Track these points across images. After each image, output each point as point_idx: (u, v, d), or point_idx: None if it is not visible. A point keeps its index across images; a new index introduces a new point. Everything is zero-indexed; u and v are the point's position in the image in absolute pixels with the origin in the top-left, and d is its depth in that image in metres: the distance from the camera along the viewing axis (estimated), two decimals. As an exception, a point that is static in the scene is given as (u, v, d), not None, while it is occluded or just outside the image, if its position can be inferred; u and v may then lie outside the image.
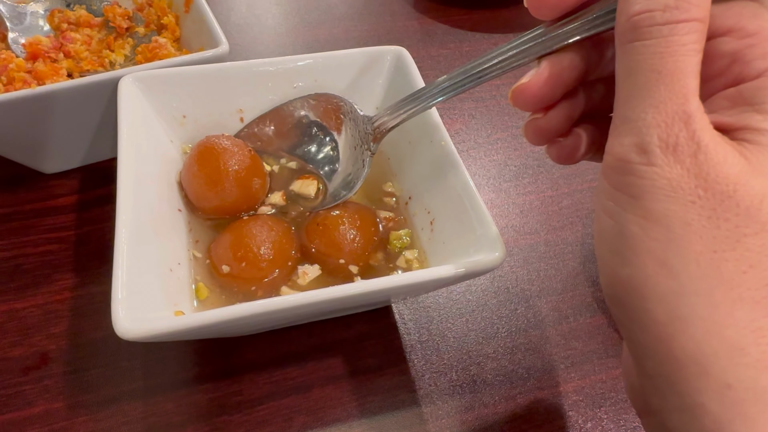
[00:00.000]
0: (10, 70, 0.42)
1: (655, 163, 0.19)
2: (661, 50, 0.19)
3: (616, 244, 0.20)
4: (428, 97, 0.33)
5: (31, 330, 0.37)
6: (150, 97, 0.38)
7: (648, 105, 0.20)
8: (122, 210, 0.30)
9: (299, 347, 0.37)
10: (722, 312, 0.18)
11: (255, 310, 0.27)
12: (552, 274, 0.43)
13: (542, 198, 0.49)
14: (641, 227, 0.19)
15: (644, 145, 0.19)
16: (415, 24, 0.65)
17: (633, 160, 0.20)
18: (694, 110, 0.19)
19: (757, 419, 0.17)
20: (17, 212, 0.43)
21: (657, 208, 0.19)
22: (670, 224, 0.19)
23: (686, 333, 0.18)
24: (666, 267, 0.19)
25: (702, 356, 0.18)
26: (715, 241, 0.18)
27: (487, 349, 0.39)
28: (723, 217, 0.19)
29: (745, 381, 0.18)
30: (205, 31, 0.43)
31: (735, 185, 0.19)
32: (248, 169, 0.37)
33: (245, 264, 0.34)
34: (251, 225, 0.35)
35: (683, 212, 0.19)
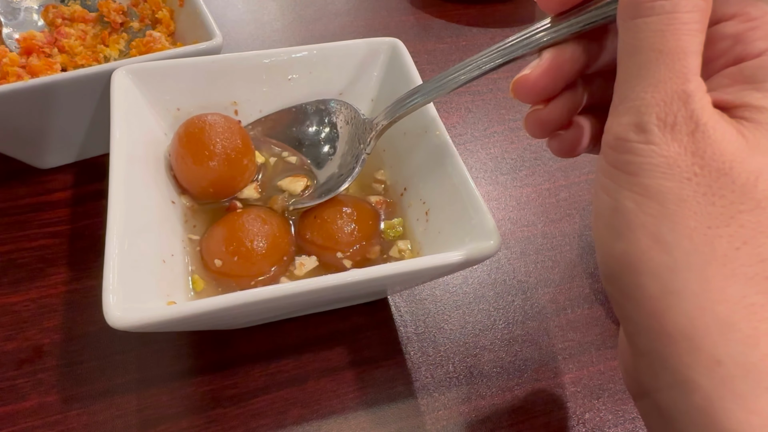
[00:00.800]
0: (4, 65, 0.42)
1: (652, 142, 0.19)
2: (663, 28, 0.19)
3: (612, 219, 0.21)
4: (426, 93, 0.32)
5: (25, 324, 0.37)
6: (144, 90, 0.38)
7: (648, 84, 0.20)
8: (114, 201, 0.30)
9: (295, 339, 0.37)
10: (714, 287, 0.18)
11: (249, 299, 0.27)
12: (549, 265, 0.43)
13: (539, 190, 0.48)
14: (636, 203, 0.20)
15: (642, 124, 0.20)
16: (411, 19, 0.65)
17: (631, 139, 0.20)
18: (693, 90, 0.19)
19: (746, 396, 0.17)
20: (12, 207, 0.43)
21: (653, 184, 0.19)
22: (665, 200, 0.19)
23: (678, 308, 0.18)
24: (660, 242, 0.19)
25: (693, 331, 0.18)
26: (709, 217, 0.19)
27: (484, 341, 0.38)
28: (718, 193, 0.19)
29: (736, 357, 0.18)
30: (199, 24, 0.43)
31: (731, 162, 0.19)
32: (236, 138, 0.37)
33: (238, 259, 0.33)
34: (244, 218, 0.35)
35: (679, 189, 0.19)
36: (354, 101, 0.42)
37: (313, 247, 0.35)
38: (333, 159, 0.39)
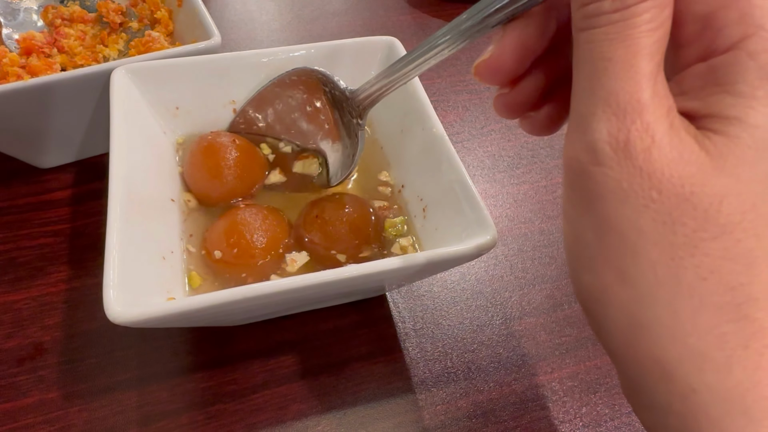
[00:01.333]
0: (4, 65, 0.42)
1: (605, 164, 0.18)
2: (612, 36, 0.17)
3: (576, 250, 0.19)
4: (405, 66, 0.30)
5: (25, 322, 0.37)
6: (143, 89, 0.38)
7: (599, 98, 0.18)
8: (114, 199, 0.30)
9: (293, 336, 0.37)
10: (683, 319, 0.17)
11: (248, 294, 0.27)
12: (546, 262, 0.43)
13: (536, 188, 0.49)
14: (596, 234, 0.18)
15: (594, 143, 0.18)
16: (408, 18, 0.66)
17: (584, 160, 0.18)
18: (647, 98, 0.17)
19: (721, 419, 0.17)
20: (12, 206, 0.43)
21: (610, 213, 0.18)
22: (624, 231, 0.18)
23: (649, 339, 0.18)
24: (623, 276, 0.18)
25: (666, 362, 0.18)
26: (672, 248, 0.17)
27: (481, 337, 0.39)
28: (679, 221, 0.17)
29: (710, 385, 0.17)
30: (197, 24, 0.44)
31: (692, 186, 0.17)
32: (245, 156, 0.38)
33: (237, 250, 0.34)
34: (245, 213, 0.35)
35: (636, 218, 0.17)
36: (351, 99, 0.43)
37: (311, 245, 0.35)
38: (330, 132, 0.39)
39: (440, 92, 0.57)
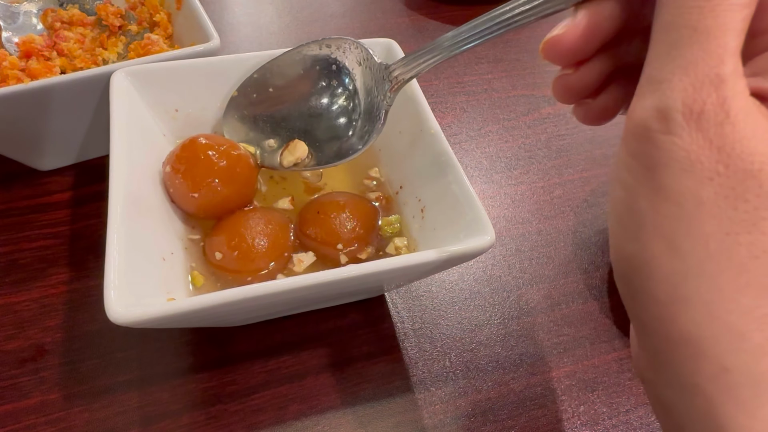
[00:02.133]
0: (4, 68, 0.42)
1: (674, 132, 0.18)
2: (703, 4, 0.17)
3: (626, 218, 0.19)
4: (449, 47, 0.29)
5: (27, 323, 0.37)
6: (142, 91, 0.38)
7: (677, 65, 0.18)
8: (114, 201, 0.31)
9: (293, 337, 0.38)
10: (727, 296, 0.17)
11: (248, 295, 0.27)
12: (544, 262, 0.44)
13: (534, 188, 0.49)
14: (651, 203, 0.18)
15: (666, 111, 0.18)
16: (406, 20, 0.66)
17: (652, 128, 0.18)
18: (728, 73, 0.17)
19: (750, 402, 0.17)
20: (12, 209, 0.43)
21: (670, 183, 0.18)
22: (683, 201, 0.18)
23: (686, 315, 0.18)
24: (673, 247, 0.18)
25: (700, 339, 0.18)
26: (729, 222, 0.17)
27: (480, 336, 0.39)
28: (742, 197, 0.17)
29: (743, 366, 0.17)
30: (196, 27, 0.44)
31: (761, 164, 0.17)
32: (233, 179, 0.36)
33: (238, 254, 0.34)
34: (248, 217, 0.36)
35: (698, 189, 0.17)
36: (350, 101, 0.43)
37: (313, 242, 0.36)
38: (354, 107, 0.36)
39: (438, 94, 0.57)
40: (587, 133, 0.54)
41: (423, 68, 0.31)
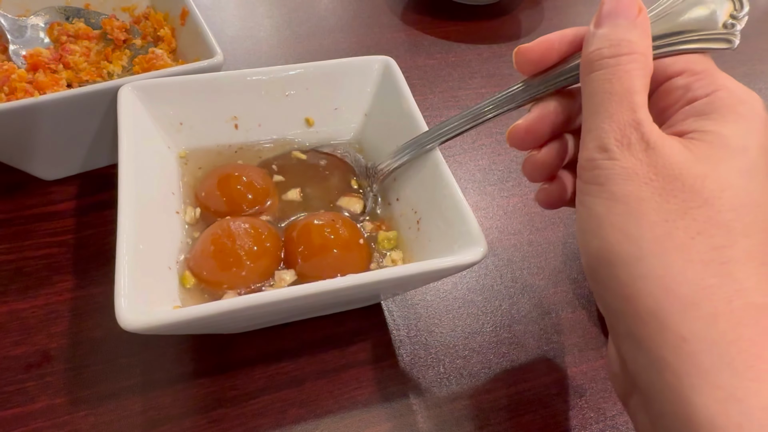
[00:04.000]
0: (12, 81, 0.44)
1: (614, 157, 0.24)
2: (610, 76, 0.24)
3: (588, 223, 0.24)
4: (428, 141, 0.37)
5: (32, 329, 0.38)
6: (148, 105, 0.40)
7: (604, 117, 0.24)
8: (123, 211, 0.32)
9: (292, 343, 0.39)
10: (676, 271, 0.21)
11: (253, 302, 0.28)
12: (535, 272, 0.45)
13: (525, 200, 0.51)
14: (606, 207, 0.23)
15: (605, 146, 0.24)
16: (402, 35, 0.68)
17: (597, 158, 0.24)
18: (642, 118, 0.23)
19: (710, 371, 0.20)
20: (18, 217, 0.44)
21: (617, 190, 0.23)
22: (629, 201, 0.23)
23: (646, 290, 0.21)
24: (626, 235, 0.22)
25: (660, 311, 0.21)
26: (666, 212, 0.22)
27: (472, 344, 0.40)
28: (672, 193, 0.22)
29: (698, 333, 0.20)
30: (200, 42, 0.45)
31: (680, 169, 0.22)
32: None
33: (221, 270, 0.35)
34: (232, 228, 0.36)
35: (638, 191, 0.22)
36: (348, 115, 0.45)
37: (298, 270, 0.36)
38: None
39: (433, 107, 0.59)
40: (577, 147, 0.56)
41: (406, 161, 0.38)
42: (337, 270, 0.36)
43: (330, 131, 0.45)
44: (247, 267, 0.34)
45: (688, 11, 0.28)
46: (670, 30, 0.27)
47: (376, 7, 0.71)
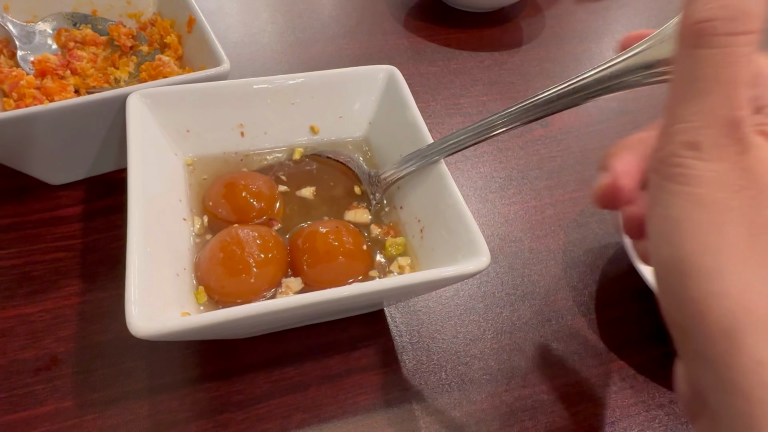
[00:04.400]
0: (21, 87, 0.44)
1: (704, 158, 0.21)
2: (722, 59, 0.21)
3: (662, 226, 0.22)
4: (433, 154, 0.37)
5: (41, 333, 0.39)
6: (156, 113, 0.40)
7: (702, 109, 0.21)
8: (133, 218, 0.32)
9: (297, 348, 0.39)
10: (755, 290, 0.19)
11: (260, 311, 0.29)
12: (535, 279, 0.46)
13: (526, 208, 0.51)
14: (685, 211, 0.21)
15: (696, 143, 0.21)
16: (405, 42, 0.68)
17: (684, 155, 0.21)
18: (743, 117, 0.21)
19: None
20: (25, 222, 0.45)
21: (702, 193, 0.21)
22: (713, 208, 0.20)
23: (719, 308, 0.19)
24: (705, 246, 0.20)
25: (735, 332, 0.19)
26: (753, 225, 0.20)
27: (474, 350, 0.41)
28: (763, 204, 0.20)
29: None
30: (206, 50, 0.46)
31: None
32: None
33: (230, 277, 0.35)
34: (241, 237, 0.36)
35: (727, 199, 0.20)
36: (353, 123, 0.45)
37: (303, 279, 0.37)
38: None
39: (435, 114, 0.60)
40: (577, 155, 0.57)
41: (410, 171, 0.39)
42: (342, 276, 0.37)
43: (335, 139, 0.45)
44: (256, 275, 0.35)
45: None
46: None
47: (379, 14, 0.72)
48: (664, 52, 0.30)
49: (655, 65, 0.30)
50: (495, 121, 0.34)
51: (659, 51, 0.30)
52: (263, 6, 0.71)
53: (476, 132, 0.35)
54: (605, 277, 0.47)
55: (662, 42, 0.30)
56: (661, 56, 0.30)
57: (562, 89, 0.32)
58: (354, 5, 0.73)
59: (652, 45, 0.30)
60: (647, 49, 0.30)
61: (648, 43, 0.30)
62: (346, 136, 0.45)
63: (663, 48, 0.30)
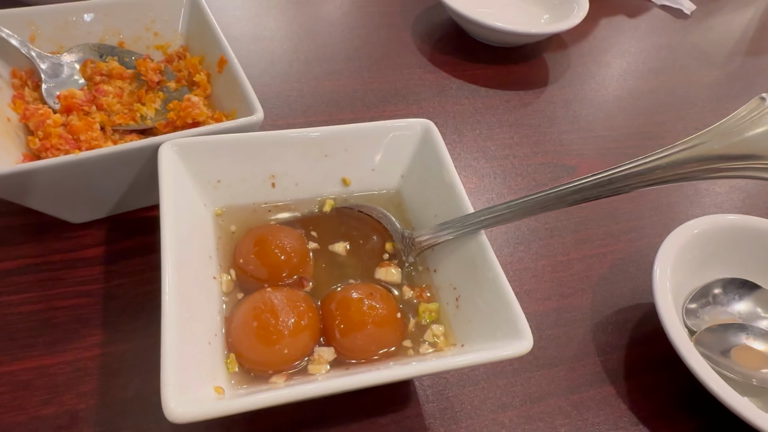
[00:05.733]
0: (47, 126, 0.43)
1: None
2: None
3: None
4: (470, 225, 0.37)
5: (61, 388, 0.38)
6: (188, 163, 0.39)
7: None
8: (167, 283, 0.31)
9: (323, 411, 0.39)
10: None
11: (300, 395, 0.28)
12: (564, 342, 0.45)
13: (554, 263, 0.50)
14: None
15: None
16: (430, 77, 0.67)
17: None
18: None
19: None
20: (45, 263, 0.44)
21: None
22: None
23: None
24: None
25: None
26: None
27: (503, 418, 0.40)
28: None
29: None
30: (238, 94, 0.45)
31: None
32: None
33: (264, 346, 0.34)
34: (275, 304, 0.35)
35: None
36: (384, 175, 0.45)
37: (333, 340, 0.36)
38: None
39: (461, 158, 0.59)
40: (606, 207, 0.56)
41: (446, 239, 0.38)
42: (375, 346, 0.36)
43: (366, 191, 0.44)
44: (289, 345, 0.34)
45: (757, 129, 0.28)
46: (739, 152, 0.27)
47: (405, 46, 0.71)
48: (722, 145, 0.30)
49: (712, 160, 0.29)
50: (537, 201, 0.33)
51: (719, 144, 0.30)
52: (289, 35, 0.70)
53: (519, 209, 0.34)
54: (634, 340, 0.46)
55: (722, 136, 0.30)
56: (720, 150, 0.30)
57: (608, 176, 0.31)
58: (380, 37, 0.72)
59: (708, 140, 0.30)
60: (701, 144, 0.30)
61: (704, 138, 0.30)
62: (377, 188, 0.45)
63: (720, 142, 0.30)
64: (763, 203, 0.60)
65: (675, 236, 0.45)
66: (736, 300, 0.46)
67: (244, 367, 0.34)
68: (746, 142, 0.29)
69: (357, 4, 0.77)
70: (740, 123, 0.29)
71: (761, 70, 0.80)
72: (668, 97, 0.72)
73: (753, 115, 0.29)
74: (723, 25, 0.87)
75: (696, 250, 0.46)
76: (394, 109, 0.62)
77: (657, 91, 0.73)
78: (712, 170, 0.30)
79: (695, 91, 0.74)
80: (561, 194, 0.33)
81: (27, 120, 0.44)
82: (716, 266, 0.47)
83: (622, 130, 0.66)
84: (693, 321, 0.45)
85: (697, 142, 0.30)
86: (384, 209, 0.43)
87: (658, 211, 0.57)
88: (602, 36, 0.80)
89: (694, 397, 0.43)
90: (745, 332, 0.44)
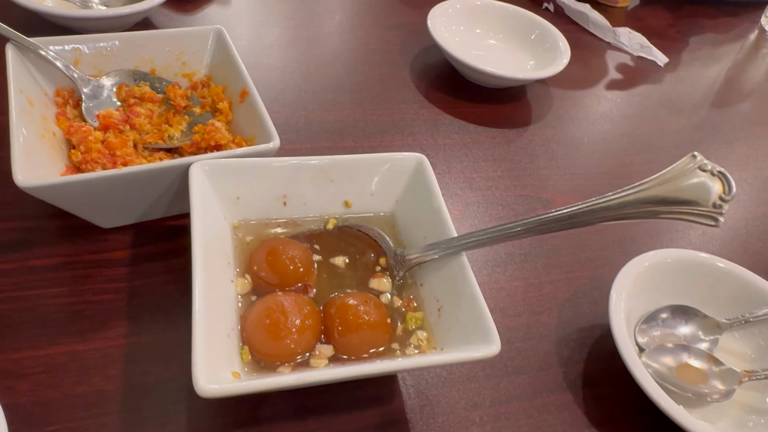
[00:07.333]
0: (89, 142, 0.49)
1: None
2: None
3: None
4: (453, 247, 0.43)
5: (91, 371, 0.43)
6: (213, 181, 0.45)
7: None
8: (197, 283, 0.37)
9: (319, 402, 0.44)
10: None
11: (306, 380, 0.34)
12: (531, 354, 0.51)
13: (527, 284, 0.57)
14: None
15: None
16: (425, 112, 0.75)
17: None
18: None
19: None
20: (77, 262, 0.50)
21: None
22: None
23: None
24: None
25: None
26: None
27: (474, 416, 0.46)
28: None
29: None
30: (257, 122, 0.51)
31: None
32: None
33: (274, 341, 0.40)
34: (285, 305, 0.41)
35: None
36: (381, 200, 0.51)
37: (334, 345, 0.42)
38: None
39: (449, 186, 0.65)
40: (575, 237, 0.63)
41: (432, 258, 0.44)
42: (367, 345, 0.42)
43: (365, 213, 0.51)
44: (296, 340, 0.40)
45: (689, 181, 0.34)
46: (673, 196, 0.34)
47: (402, 83, 0.78)
48: (661, 191, 0.36)
49: (653, 203, 0.36)
50: (512, 229, 0.40)
51: (658, 190, 0.36)
52: (299, 68, 0.77)
53: (497, 236, 0.41)
54: (591, 355, 0.53)
55: (661, 184, 0.36)
56: (659, 195, 0.36)
57: (577, 210, 0.37)
58: (381, 73, 0.79)
59: (651, 186, 0.36)
60: (645, 189, 0.36)
61: (648, 185, 0.36)
62: (375, 211, 0.51)
63: (662, 188, 0.36)
64: (712, 241, 0.67)
65: (630, 267, 0.52)
66: (681, 324, 0.53)
67: (256, 358, 0.40)
68: (681, 190, 0.35)
69: (362, 41, 0.84)
70: (676, 174, 0.36)
71: (724, 121, 0.89)
72: (638, 142, 0.80)
73: (686, 168, 0.36)
74: (692, 78, 0.95)
75: (648, 279, 0.53)
76: (391, 139, 0.69)
77: (628, 135, 0.80)
78: (654, 213, 0.36)
79: (662, 137, 0.82)
80: (535, 224, 0.39)
81: (71, 135, 0.50)
82: (665, 294, 0.54)
83: (595, 169, 0.73)
84: (643, 340, 0.52)
85: (643, 187, 0.37)
86: (379, 229, 0.49)
87: (621, 243, 0.64)
88: (582, 82, 0.88)
89: (640, 406, 0.49)
90: (687, 352, 0.51)
